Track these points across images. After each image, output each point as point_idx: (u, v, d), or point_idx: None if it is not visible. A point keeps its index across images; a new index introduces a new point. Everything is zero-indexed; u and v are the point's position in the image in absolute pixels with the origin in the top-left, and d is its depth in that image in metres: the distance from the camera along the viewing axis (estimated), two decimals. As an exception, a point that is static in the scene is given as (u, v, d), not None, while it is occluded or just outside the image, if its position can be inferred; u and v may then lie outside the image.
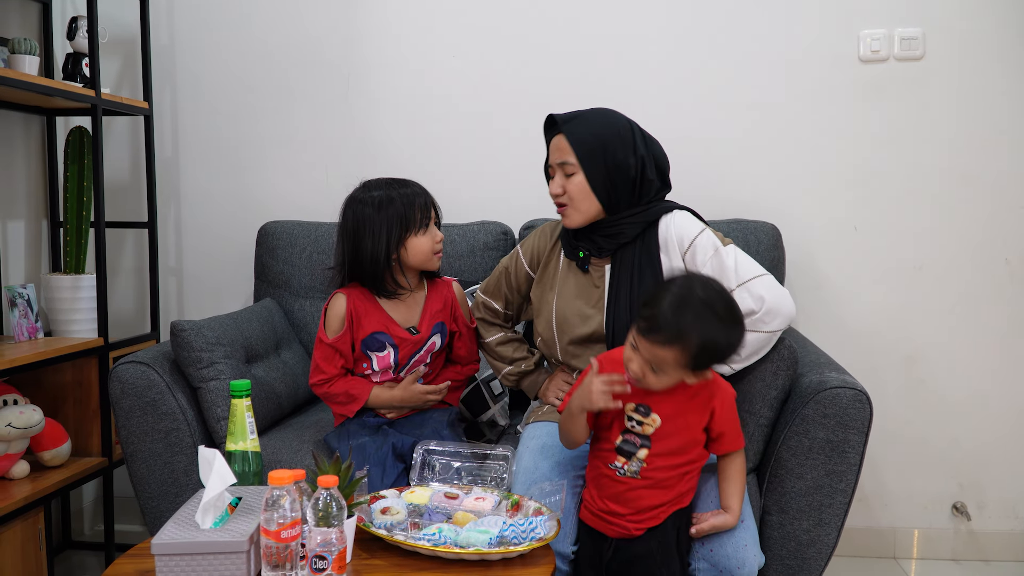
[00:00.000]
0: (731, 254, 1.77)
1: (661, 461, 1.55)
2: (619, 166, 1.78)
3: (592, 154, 1.77)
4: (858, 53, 2.53)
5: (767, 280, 1.76)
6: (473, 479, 1.73)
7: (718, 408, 1.56)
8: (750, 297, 1.73)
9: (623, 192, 1.80)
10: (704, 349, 1.45)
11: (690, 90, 2.59)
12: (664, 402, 1.55)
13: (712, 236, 1.80)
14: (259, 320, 2.31)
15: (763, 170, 2.58)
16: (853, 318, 2.58)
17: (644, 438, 1.56)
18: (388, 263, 1.90)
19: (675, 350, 1.45)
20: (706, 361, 1.48)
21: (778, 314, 1.75)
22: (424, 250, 1.92)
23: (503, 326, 2.07)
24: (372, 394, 1.96)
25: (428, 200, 1.92)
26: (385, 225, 1.88)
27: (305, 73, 2.72)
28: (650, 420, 1.55)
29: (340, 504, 1.28)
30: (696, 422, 1.56)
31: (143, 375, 1.99)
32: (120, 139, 2.81)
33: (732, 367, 1.81)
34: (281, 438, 2.08)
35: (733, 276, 1.75)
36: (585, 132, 1.78)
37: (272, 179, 2.76)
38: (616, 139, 1.79)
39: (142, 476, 2.02)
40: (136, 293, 2.85)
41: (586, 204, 1.80)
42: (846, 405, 1.77)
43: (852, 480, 1.79)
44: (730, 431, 1.58)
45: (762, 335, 1.76)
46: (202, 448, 1.40)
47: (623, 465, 1.57)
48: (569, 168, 1.79)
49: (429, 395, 1.98)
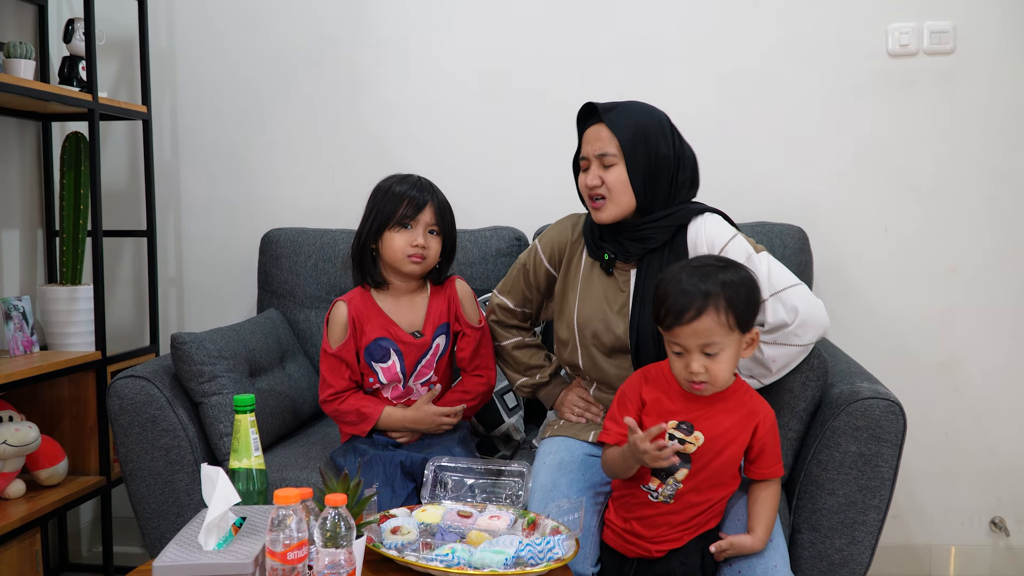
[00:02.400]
0: (764, 261, 1.76)
1: (699, 482, 1.54)
2: (659, 160, 1.78)
3: (635, 145, 1.76)
4: (886, 47, 2.51)
5: (801, 291, 1.74)
6: (487, 497, 1.72)
7: (760, 427, 1.55)
8: (783, 308, 1.71)
9: (660, 189, 1.80)
10: (733, 293, 1.48)
11: (712, 87, 2.58)
12: (708, 419, 1.54)
13: (744, 242, 1.78)
14: (263, 332, 2.31)
15: (788, 170, 2.57)
16: (885, 324, 2.56)
17: (685, 457, 1.54)
18: (368, 250, 1.94)
19: (710, 314, 1.47)
20: (741, 309, 1.49)
21: (812, 326, 1.72)
22: (396, 248, 1.91)
23: (520, 327, 2.04)
24: (384, 413, 1.94)
25: (424, 202, 1.90)
26: (372, 212, 1.93)
27: (311, 74, 2.73)
28: (693, 438, 1.54)
29: (349, 524, 1.27)
30: (739, 440, 1.55)
31: (142, 390, 1.99)
32: (118, 145, 2.82)
33: (762, 382, 1.80)
34: (287, 455, 2.08)
35: (766, 285, 1.72)
36: (628, 122, 1.78)
37: (276, 184, 2.77)
38: (659, 132, 1.79)
39: (142, 495, 2.02)
40: (135, 304, 2.85)
41: (625, 198, 1.79)
42: (879, 416, 1.75)
43: (886, 495, 1.78)
44: (769, 452, 1.57)
45: (795, 349, 1.74)
46: (204, 466, 1.40)
47: (657, 488, 1.56)
48: (609, 159, 1.78)
49: (443, 418, 1.95)
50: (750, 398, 1.58)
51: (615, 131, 1.77)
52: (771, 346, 1.74)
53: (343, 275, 2.46)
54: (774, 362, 1.75)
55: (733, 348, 1.51)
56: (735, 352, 1.51)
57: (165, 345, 2.70)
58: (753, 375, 1.80)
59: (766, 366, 1.77)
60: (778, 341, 1.73)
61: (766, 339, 1.74)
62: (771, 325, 1.72)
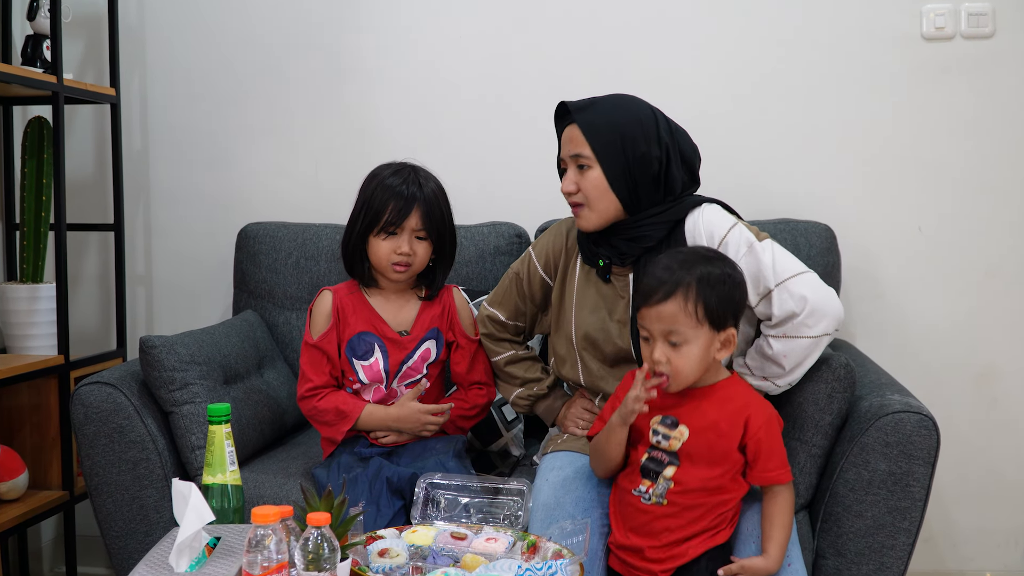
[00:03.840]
0: (767, 249, 1.76)
1: (690, 480, 1.56)
2: (641, 159, 1.78)
3: (609, 145, 1.77)
4: (920, 30, 2.51)
5: (809, 277, 1.75)
6: (483, 517, 1.72)
7: (752, 421, 1.56)
8: (790, 298, 1.72)
9: (646, 189, 1.80)
10: (707, 284, 1.52)
11: (729, 74, 2.58)
12: (693, 413, 1.57)
13: (745, 230, 1.79)
14: (239, 335, 2.31)
15: (814, 163, 2.57)
16: (918, 331, 2.56)
17: (671, 454, 1.57)
18: (357, 249, 1.97)
19: (677, 299, 1.52)
20: (713, 302, 1.53)
21: (824, 315, 1.73)
22: (380, 256, 1.95)
23: (513, 341, 2.05)
24: (365, 411, 1.96)
25: (410, 206, 1.92)
26: (361, 208, 1.96)
27: (294, 57, 2.73)
28: (677, 433, 1.57)
29: (333, 545, 1.27)
30: (729, 434, 1.56)
31: (109, 398, 1.99)
32: (84, 131, 2.82)
33: (778, 384, 1.81)
34: (265, 470, 2.08)
35: (771, 274, 1.73)
36: (601, 120, 1.78)
37: (255, 175, 2.77)
38: (636, 128, 1.78)
39: (108, 512, 2.02)
40: (100, 304, 2.85)
41: (604, 203, 1.80)
42: (910, 432, 1.75)
43: (917, 517, 1.78)
44: (768, 454, 1.57)
45: (806, 341, 1.74)
46: (176, 481, 1.39)
47: (648, 489, 1.58)
48: (583, 161, 1.79)
49: (429, 417, 1.96)
50: (741, 393, 1.61)
51: (586, 132, 1.78)
52: (780, 340, 1.75)
53: (327, 274, 2.46)
54: (785, 357, 1.75)
55: (701, 343, 1.54)
56: (703, 348, 1.54)
57: (133, 349, 2.69)
58: (767, 376, 1.80)
59: (777, 362, 1.77)
60: (788, 334, 1.74)
61: (774, 333, 1.75)
62: (778, 317, 1.73)
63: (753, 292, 1.76)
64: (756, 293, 1.76)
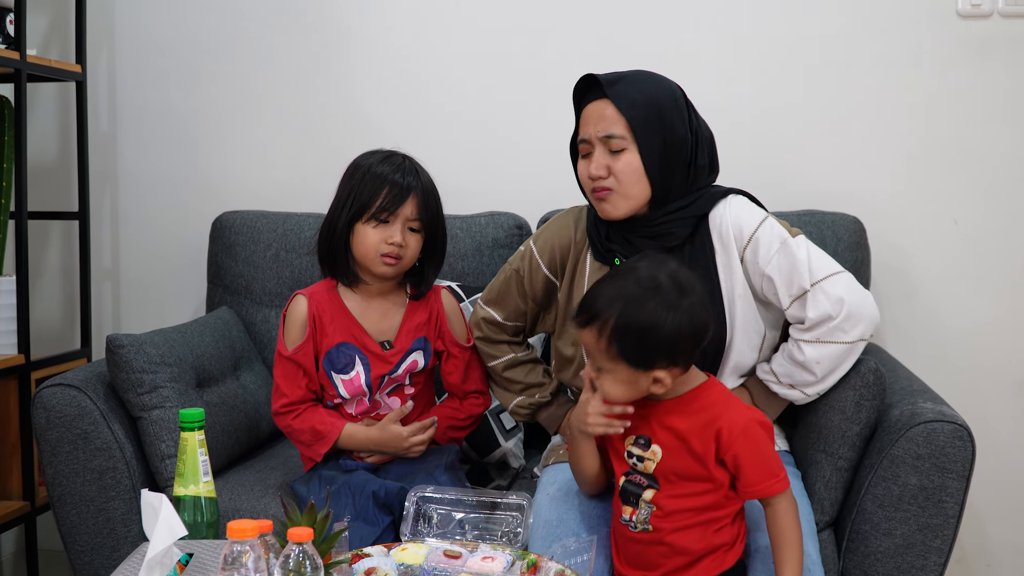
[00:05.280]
0: (802, 246, 1.77)
1: (670, 503, 1.56)
2: (676, 142, 1.77)
3: (648, 124, 1.75)
4: (956, 7, 2.51)
5: (846, 278, 1.76)
6: (480, 534, 1.73)
7: (725, 432, 1.54)
8: (826, 299, 1.72)
9: (678, 176, 1.79)
10: (620, 329, 1.49)
11: (750, 52, 2.58)
12: (664, 430, 1.57)
13: (777, 225, 1.79)
14: (213, 334, 2.31)
15: (841, 149, 2.57)
16: (953, 333, 2.57)
17: (649, 477, 1.57)
18: (341, 241, 1.93)
19: (592, 331, 1.51)
20: (630, 348, 1.50)
21: (860, 319, 1.74)
22: (368, 245, 1.90)
23: (511, 343, 2.03)
24: (344, 433, 1.94)
25: (407, 192, 1.89)
26: (348, 195, 1.92)
27: (273, 28, 2.72)
28: (650, 453, 1.57)
29: (315, 563, 1.27)
30: (700, 449, 1.55)
31: (72, 401, 1.99)
32: (47, 111, 2.82)
33: (806, 393, 1.81)
34: (241, 481, 2.08)
35: (806, 273, 1.74)
36: (638, 96, 1.76)
37: (231, 159, 2.77)
38: (673, 107, 1.78)
39: (72, 525, 2.02)
40: (64, 300, 2.85)
41: (637, 189, 1.78)
42: (944, 443, 1.75)
43: (950, 536, 1.78)
44: (750, 465, 1.54)
45: (840, 347, 1.75)
46: (145, 492, 1.40)
47: (631, 516, 1.58)
48: (617, 143, 1.76)
49: (412, 440, 1.92)
50: (714, 401, 1.58)
51: (622, 108, 1.75)
52: (813, 345, 1.75)
53: (309, 268, 2.46)
54: (818, 364, 1.76)
55: (621, 377, 1.54)
56: (625, 381, 1.54)
57: (99, 348, 2.69)
58: (795, 384, 1.81)
59: (809, 369, 1.77)
60: (821, 339, 1.74)
61: (807, 337, 1.75)
62: (812, 320, 1.74)
63: (785, 293, 1.76)
64: (789, 294, 1.76)
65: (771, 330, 1.84)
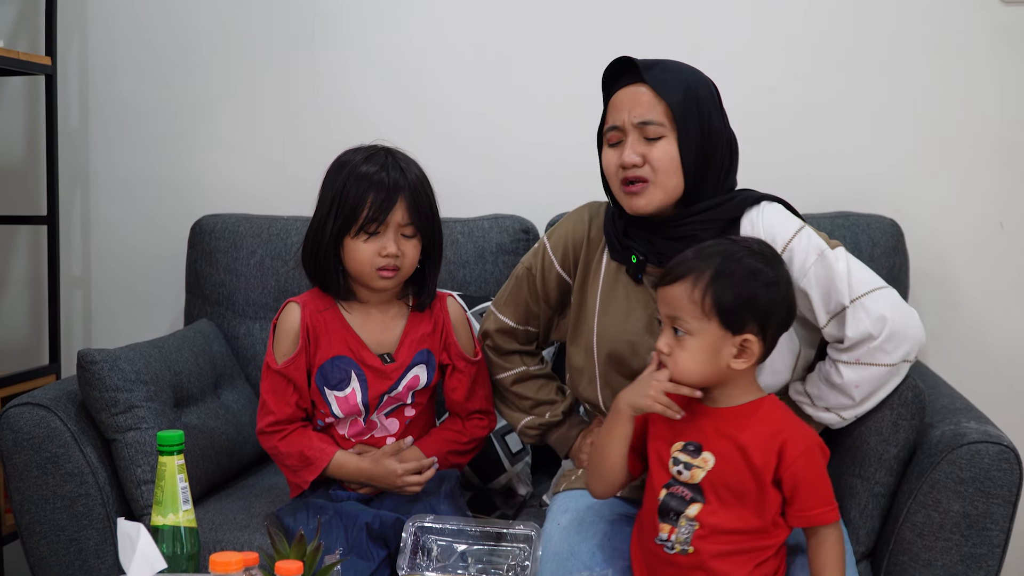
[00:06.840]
0: (842, 259, 1.77)
1: (718, 521, 1.55)
2: (712, 133, 1.79)
3: (688, 111, 1.76)
4: (1000, -8, 2.52)
5: (889, 294, 1.76)
6: (484, 567, 1.72)
7: (789, 448, 1.55)
8: (867, 317, 1.72)
9: (712, 171, 1.80)
10: (722, 277, 1.53)
11: (777, 41, 2.59)
12: (721, 437, 1.56)
13: (815, 236, 1.79)
14: (193, 349, 2.32)
15: (877, 146, 2.57)
16: (999, 346, 2.57)
17: (694, 489, 1.56)
18: (327, 255, 1.91)
19: (685, 284, 1.55)
20: (728, 298, 1.52)
21: (904, 339, 1.74)
22: (361, 260, 1.89)
23: (523, 353, 2.03)
24: (334, 462, 1.93)
25: (394, 197, 1.87)
26: (331, 203, 1.90)
27: (257, 17, 2.73)
28: (700, 460, 1.56)
29: (306, 600, 1.27)
30: (760, 463, 1.55)
31: (41, 422, 1.99)
32: (13, 107, 2.83)
33: (843, 416, 1.81)
34: (223, 509, 2.08)
35: (845, 287, 1.74)
36: (676, 82, 1.77)
37: (212, 158, 2.77)
38: (709, 98, 1.80)
39: (41, 556, 2.02)
40: (30, 311, 2.86)
41: (673, 181, 1.78)
42: (989, 466, 1.76)
43: (995, 566, 1.78)
44: (808, 489, 1.56)
45: (881, 369, 1.75)
46: (122, 521, 1.40)
47: (670, 535, 1.57)
48: (654, 129, 1.76)
49: (408, 479, 1.91)
50: (777, 416, 1.59)
51: (662, 92, 1.76)
52: (852, 367, 1.75)
53: (297, 276, 2.45)
54: (857, 388, 1.76)
55: (706, 339, 1.54)
56: (709, 346, 1.54)
57: (69, 364, 2.70)
58: (830, 407, 1.81)
59: (847, 393, 1.77)
60: (861, 360, 1.74)
61: (845, 358, 1.75)
62: (852, 340, 1.73)
63: (822, 310, 1.76)
64: (826, 311, 1.76)
65: (806, 348, 1.84)
